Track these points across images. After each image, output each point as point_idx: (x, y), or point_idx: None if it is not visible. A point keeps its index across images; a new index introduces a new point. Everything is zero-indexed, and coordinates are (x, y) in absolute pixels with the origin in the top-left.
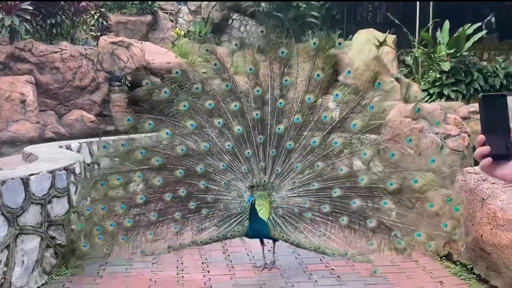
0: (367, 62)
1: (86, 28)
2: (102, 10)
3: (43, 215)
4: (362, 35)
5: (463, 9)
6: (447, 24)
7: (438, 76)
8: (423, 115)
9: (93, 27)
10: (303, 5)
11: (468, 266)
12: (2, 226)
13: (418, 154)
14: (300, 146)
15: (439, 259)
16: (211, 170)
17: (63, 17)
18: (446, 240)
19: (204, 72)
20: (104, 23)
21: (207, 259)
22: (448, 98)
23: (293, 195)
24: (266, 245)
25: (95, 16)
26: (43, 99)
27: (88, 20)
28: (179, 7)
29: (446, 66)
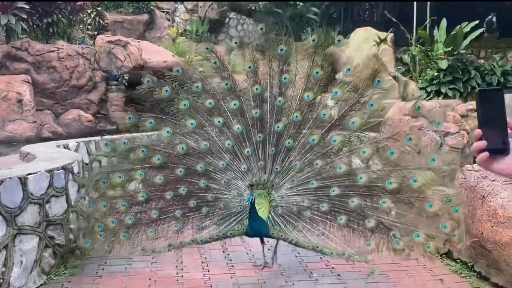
0: (365, 60)
1: (82, 27)
2: (98, 9)
3: (42, 215)
4: (360, 33)
5: (460, 7)
6: (444, 22)
7: (436, 74)
8: (422, 113)
9: (89, 26)
10: (300, 3)
11: (469, 264)
12: (0, 226)
13: (418, 152)
14: (299, 144)
15: (439, 257)
16: (211, 169)
17: (60, 16)
18: (445, 241)
19: (202, 71)
20: (101, 22)
21: (206, 258)
22: (445, 96)
23: (292, 193)
24: (266, 244)
25: (92, 15)
26: (40, 98)
27: (85, 19)
28: (176, 5)
29: (444, 64)
